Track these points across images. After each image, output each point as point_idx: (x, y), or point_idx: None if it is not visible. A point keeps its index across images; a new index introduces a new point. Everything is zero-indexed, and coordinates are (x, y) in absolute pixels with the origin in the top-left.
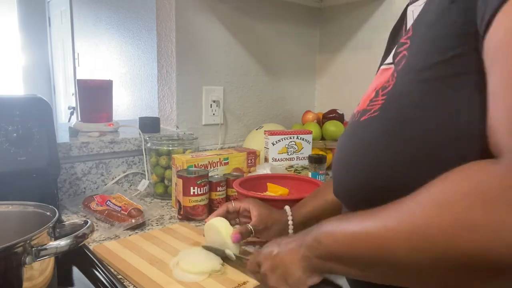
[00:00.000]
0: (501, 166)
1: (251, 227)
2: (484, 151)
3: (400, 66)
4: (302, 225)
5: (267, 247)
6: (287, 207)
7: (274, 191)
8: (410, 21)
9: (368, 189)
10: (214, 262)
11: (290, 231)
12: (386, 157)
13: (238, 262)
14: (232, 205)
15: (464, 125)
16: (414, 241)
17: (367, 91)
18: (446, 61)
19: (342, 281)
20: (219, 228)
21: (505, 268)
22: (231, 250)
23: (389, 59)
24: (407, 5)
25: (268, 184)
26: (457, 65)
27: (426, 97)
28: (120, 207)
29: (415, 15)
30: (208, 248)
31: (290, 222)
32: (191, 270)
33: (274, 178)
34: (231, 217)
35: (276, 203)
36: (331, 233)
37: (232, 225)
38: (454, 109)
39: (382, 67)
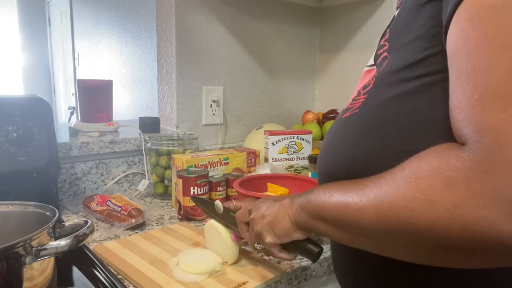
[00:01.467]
0: (467, 154)
1: None
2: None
3: (381, 68)
4: None
5: (261, 201)
6: None
7: (274, 191)
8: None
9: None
10: (214, 262)
11: None
12: (362, 152)
13: (226, 217)
14: (233, 204)
15: (437, 121)
16: (382, 211)
17: (353, 93)
18: (421, 61)
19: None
20: (220, 228)
21: (455, 247)
22: (231, 250)
23: (371, 61)
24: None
25: (268, 184)
26: (430, 65)
27: (402, 95)
28: (120, 207)
29: None
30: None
31: None
32: (190, 271)
33: (274, 178)
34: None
35: None
36: (321, 197)
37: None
38: (427, 105)
39: (365, 69)
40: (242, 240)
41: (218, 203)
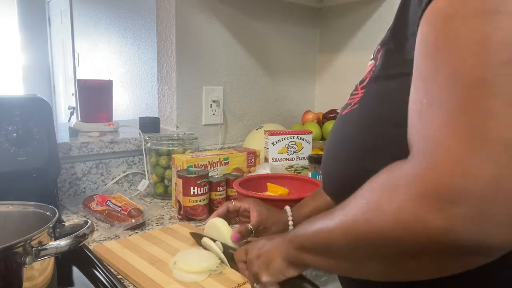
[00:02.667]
0: (409, 163)
1: (251, 227)
2: None
3: (378, 61)
4: None
5: (258, 240)
6: (287, 207)
7: (274, 191)
8: None
9: (349, 182)
10: (211, 262)
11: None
12: (360, 146)
13: (226, 254)
14: (232, 204)
15: None
16: (346, 229)
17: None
18: (409, 60)
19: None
20: (220, 228)
21: (409, 252)
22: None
23: (372, 54)
24: None
25: (268, 184)
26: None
27: (395, 91)
28: (120, 207)
29: None
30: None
31: (290, 223)
32: (187, 270)
33: (274, 178)
34: (231, 216)
35: (276, 203)
36: (304, 229)
37: (232, 224)
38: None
39: (369, 63)
40: (242, 241)
41: (218, 244)
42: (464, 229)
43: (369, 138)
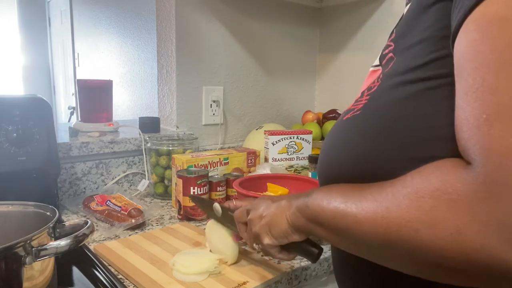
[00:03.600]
0: (472, 177)
1: None
2: (454, 153)
3: (387, 69)
4: None
5: (259, 201)
6: None
7: (274, 191)
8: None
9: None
10: (209, 263)
11: None
12: (362, 156)
13: (225, 216)
14: (233, 203)
15: (439, 128)
16: (381, 227)
17: (358, 94)
18: (426, 64)
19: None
20: (221, 227)
21: (454, 269)
22: (231, 250)
23: (376, 61)
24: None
25: (268, 184)
26: (435, 68)
27: (405, 99)
28: (120, 207)
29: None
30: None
31: None
32: (184, 271)
33: (274, 178)
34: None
35: None
36: (319, 203)
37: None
38: (431, 111)
39: (371, 69)
40: (242, 240)
41: (216, 205)
42: None
43: (369, 147)
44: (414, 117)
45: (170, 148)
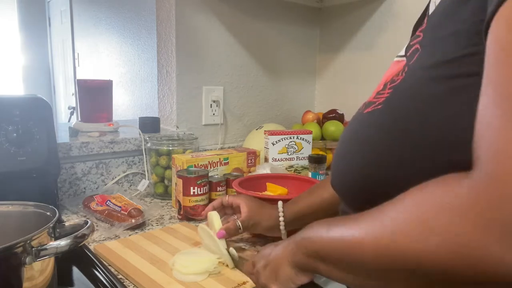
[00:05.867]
0: (475, 179)
1: (239, 222)
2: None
3: (412, 61)
4: (295, 221)
5: (264, 249)
6: (279, 203)
7: (273, 190)
8: (430, 12)
9: (362, 184)
10: (208, 263)
11: (281, 227)
12: (382, 152)
13: (237, 263)
14: (226, 199)
15: (463, 130)
16: (382, 244)
17: (379, 84)
18: (457, 60)
19: None
20: (213, 223)
21: (460, 278)
22: (221, 249)
23: (402, 51)
24: None
25: (267, 184)
26: (467, 65)
27: (431, 96)
28: (120, 207)
29: (434, 6)
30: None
31: (281, 219)
32: (184, 271)
33: (274, 178)
34: (228, 212)
35: (274, 203)
36: (318, 235)
37: (228, 221)
38: (457, 112)
39: (395, 59)
40: (229, 237)
41: (232, 251)
42: None
43: (389, 145)
44: (441, 118)
45: (170, 148)
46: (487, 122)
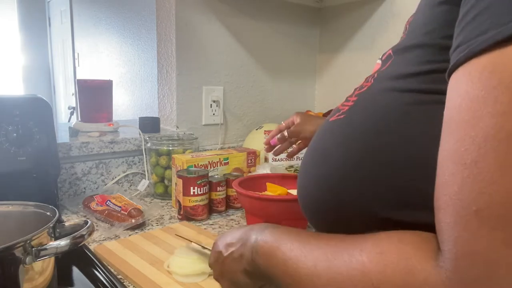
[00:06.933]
0: (437, 270)
1: (286, 132)
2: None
3: (384, 67)
4: None
5: (216, 241)
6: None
7: (273, 190)
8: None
9: (320, 201)
10: (204, 264)
11: None
12: (340, 169)
13: None
14: (283, 124)
15: (420, 155)
16: None
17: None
18: (422, 74)
19: None
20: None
21: None
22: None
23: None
24: None
25: (267, 184)
26: (431, 81)
27: (389, 112)
28: (120, 207)
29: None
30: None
31: None
32: (181, 272)
33: (274, 178)
34: (291, 141)
35: (274, 203)
36: (269, 251)
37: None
38: (412, 133)
39: (377, 61)
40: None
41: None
42: None
43: (344, 159)
44: (397, 136)
45: (170, 148)
46: (461, 212)
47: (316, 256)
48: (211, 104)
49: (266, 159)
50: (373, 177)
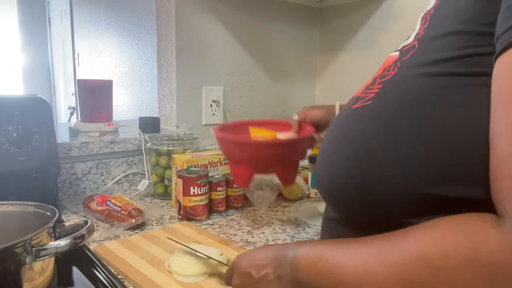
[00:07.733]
0: (505, 235)
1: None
2: (485, 177)
3: (406, 57)
4: None
5: (239, 261)
6: (337, 104)
7: (259, 135)
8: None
9: (351, 184)
10: (203, 264)
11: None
12: (373, 150)
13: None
14: (296, 117)
15: (458, 137)
16: None
17: (369, 80)
18: (457, 58)
19: None
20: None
21: None
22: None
23: (400, 46)
24: None
25: (250, 128)
26: (470, 65)
27: (423, 94)
28: (120, 207)
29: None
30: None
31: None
32: (182, 272)
33: (255, 124)
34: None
35: (266, 148)
36: (311, 263)
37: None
38: (451, 114)
39: (391, 54)
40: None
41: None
42: None
43: (381, 142)
44: (435, 117)
45: (170, 148)
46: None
47: (364, 258)
48: (211, 104)
49: None
50: (411, 154)
